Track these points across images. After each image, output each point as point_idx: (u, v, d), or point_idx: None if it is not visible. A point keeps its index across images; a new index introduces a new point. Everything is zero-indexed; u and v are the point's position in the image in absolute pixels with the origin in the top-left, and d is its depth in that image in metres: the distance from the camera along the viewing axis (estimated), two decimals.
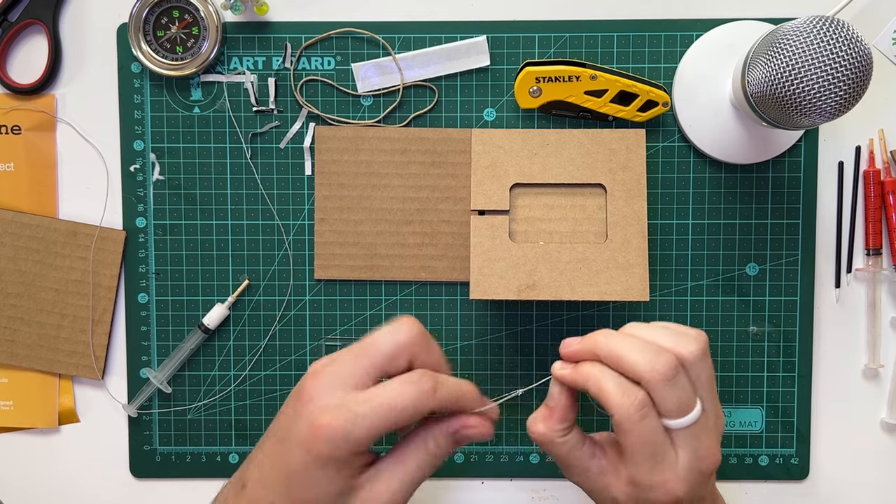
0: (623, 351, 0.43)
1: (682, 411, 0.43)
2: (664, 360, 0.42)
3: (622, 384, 0.43)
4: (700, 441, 0.43)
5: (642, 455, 0.43)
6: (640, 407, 0.42)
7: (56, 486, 0.64)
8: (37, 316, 0.63)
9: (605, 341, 0.44)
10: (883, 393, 0.62)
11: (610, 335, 0.45)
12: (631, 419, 0.42)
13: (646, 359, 0.42)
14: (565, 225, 0.56)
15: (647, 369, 0.42)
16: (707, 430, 0.44)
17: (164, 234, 0.63)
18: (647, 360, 0.42)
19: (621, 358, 0.43)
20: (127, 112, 0.62)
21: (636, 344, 0.43)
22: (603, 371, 0.44)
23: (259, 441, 0.45)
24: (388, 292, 0.62)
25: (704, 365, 0.44)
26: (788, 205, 0.61)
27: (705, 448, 0.43)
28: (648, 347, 0.43)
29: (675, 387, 0.42)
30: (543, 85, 0.59)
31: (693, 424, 0.43)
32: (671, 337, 0.44)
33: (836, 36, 0.47)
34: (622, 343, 0.44)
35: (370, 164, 0.61)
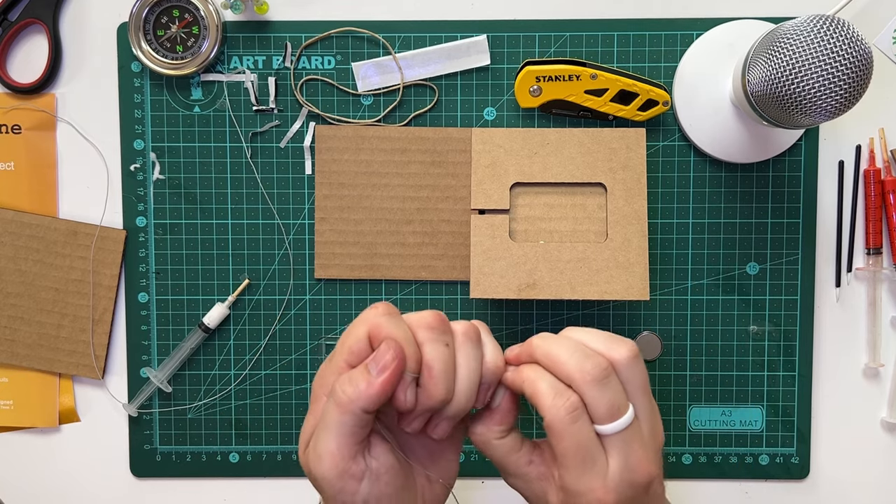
0: (555, 352, 0.43)
1: (613, 415, 0.41)
2: (594, 362, 0.42)
3: (555, 386, 0.42)
4: (632, 449, 0.42)
5: (573, 460, 0.42)
6: (570, 409, 0.41)
7: (56, 485, 0.65)
8: (37, 315, 0.63)
9: (540, 343, 0.44)
10: (883, 392, 0.62)
11: (546, 338, 0.44)
12: (562, 421, 0.41)
13: (576, 359, 0.42)
14: (565, 224, 0.56)
15: (577, 370, 0.41)
16: (640, 439, 0.43)
17: (164, 234, 0.63)
18: (577, 361, 0.42)
19: (554, 359, 0.42)
20: (127, 111, 0.62)
21: (569, 345, 0.43)
22: (538, 373, 0.43)
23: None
24: (388, 292, 0.62)
25: (637, 370, 0.43)
26: (789, 204, 0.61)
27: (637, 458, 0.42)
28: (580, 349, 0.42)
29: (605, 389, 0.41)
30: (544, 84, 0.59)
31: (625, 430, 0.42)
32: (603, 341, 0.43)
33: (837, 35, 0.47)
34: (555, 344, 0.43)
35: (370, 164, 0.61)
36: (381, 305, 0.43)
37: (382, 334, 0.41)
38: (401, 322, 0.42)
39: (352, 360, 0.42)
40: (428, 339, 0.42)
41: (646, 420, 0.43)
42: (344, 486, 0.41)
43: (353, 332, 0.42)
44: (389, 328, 0.41)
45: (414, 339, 0.42)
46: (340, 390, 0.40)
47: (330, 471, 0.41)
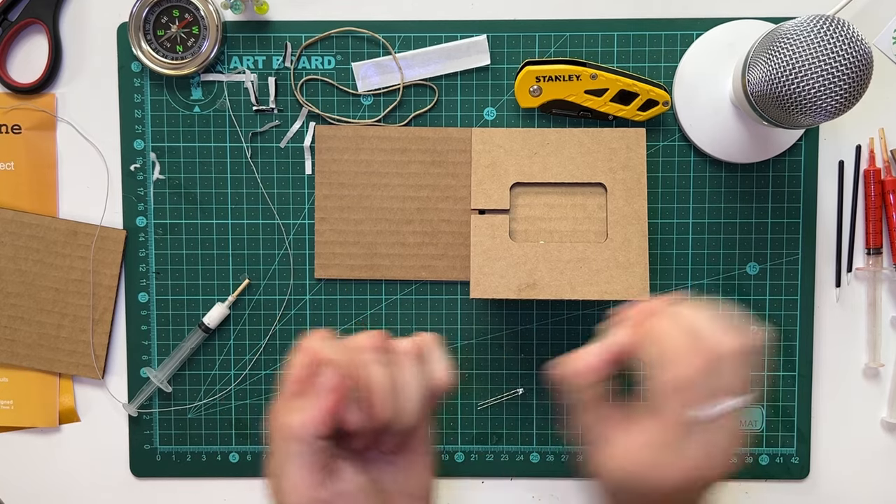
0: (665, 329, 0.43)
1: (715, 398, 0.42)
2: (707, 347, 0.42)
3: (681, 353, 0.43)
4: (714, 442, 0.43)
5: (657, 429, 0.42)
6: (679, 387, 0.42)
7: (56, 485, 0.65)
8: (37, 315, 0.63)
9: (675, 309, 0.44)
10: (883, 392, 0.62)
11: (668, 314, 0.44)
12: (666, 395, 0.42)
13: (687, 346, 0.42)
14: (565, 224, 0.56)
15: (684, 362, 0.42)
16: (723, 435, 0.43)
17: (164, 234, 0.63)
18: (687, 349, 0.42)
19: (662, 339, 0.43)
20: (127, 111, 0.62)
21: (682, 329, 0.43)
22: (671, 331, 0.43)
23: None
24: (388, 291, 0.62)
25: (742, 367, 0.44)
26: (789, 204, 0.61)
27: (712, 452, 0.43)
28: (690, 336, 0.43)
29: (711, 375, 0.42)
30: (544, 84, 0.59)
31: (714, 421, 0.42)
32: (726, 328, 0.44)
33: (837, 35, 0.47)
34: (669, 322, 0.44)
35: (370, 164, 0.61)
36: (318, 333, 0.43)
37: (323, 360, 0.41)
38: (339, 345, 0.42)
39: (296, 389, 0.42)
40: (369, 360, 0.42)
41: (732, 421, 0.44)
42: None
43: (295, 363, 0.42)
44: (329, 353, 0.41)
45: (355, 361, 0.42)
46: (287, 424, 0.41)
47: (297, 503, 0.41)
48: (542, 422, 0.63)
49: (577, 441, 0.63)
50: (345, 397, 0.41)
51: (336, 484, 0.42)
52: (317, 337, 0.42)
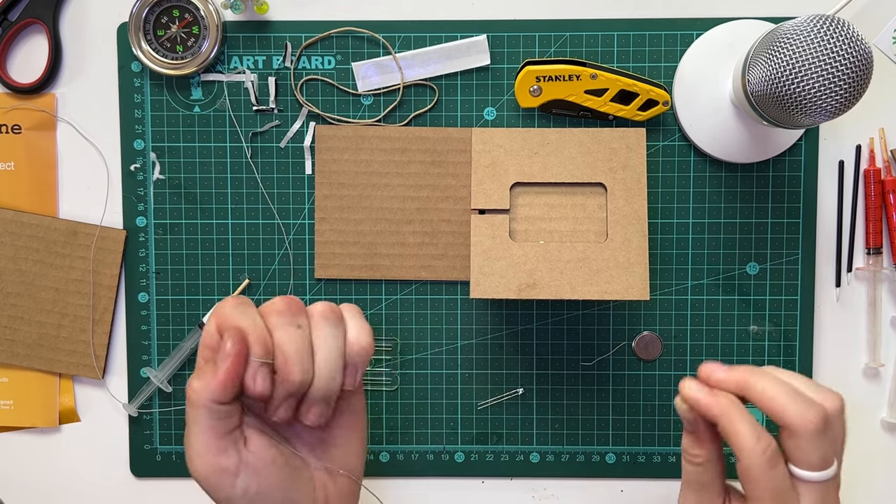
0: (774, 393, 0.42)
1: (822, 465, 0.42)
2: (816, 412, 0.41)
3: (757, 429, 0.42)
4: (830, 496, 0.43)
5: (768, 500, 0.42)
6: (772, 455, 0.42)
7: (56, 485, 0.65)
8: (37, 315, 0.63)
9: (756, 380, 0.43)
10: (883, 392, 0.62)
11: (760, 374, 0.44)
12: (761, 467, 0.41)
13: (799, 406, 0.42)
14: (566, 224, 0.56)
15: (799, 417, 0.41)
16: (836, 489, 0.43)
17: (164, 234, 0.63)
18: (800, 409, 0.41)
19: (772, 399, 0.42)
20: (127, 111, 0.62)
21: (788, 389, 0.42)
22: (739, 411, 0.43)
23: None
24: (388, 291, 0.62)
25: (842, 421, 0.44)
26: (789, 204, 0.61)
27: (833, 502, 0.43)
28: (800, 396, 0.42)
29: (822, 439, 0.42)
30: (544, 84, 0.59)
31: (826, 481, 0.42)
32: (815, 390, 0.44)
33: (837, 35, 0.47)
34: (774, 385, 0.43)
35: (370, 164, 0.61)
36: (230, 298, 0.42)
37: (227, 325, 0.40)
38: (248, 310, 0.41)
39: (207, 355, 0.42)
40: (279, 324, 0.41)
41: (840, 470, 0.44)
42: (218, 481, 0.41)
43: (206, 328, 0.42)
44: (234, 318, 0.40)
45: (265, 325, 0.41)
46: (190, 387, 0.40)
47: (201, 467, 0.41)
48: (542, 422, 0.63)
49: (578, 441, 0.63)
50: (243, 362, 0.40)
51: (242, 453, 0.42)
52: (229, 303, 0.41)
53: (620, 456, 0.63)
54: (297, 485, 0.43)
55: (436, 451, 0.63)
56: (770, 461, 0.42)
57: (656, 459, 0.63)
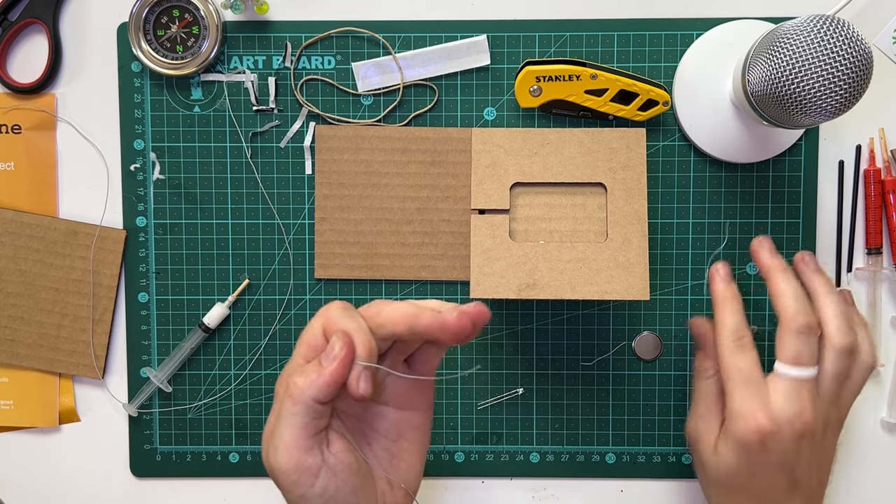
0: (783, 289, 0.50)
1: (796, 362, 0.48)
2: (804, 319, 0.48)
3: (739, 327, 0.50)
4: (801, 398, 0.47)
5: (735, 381, 0.48)
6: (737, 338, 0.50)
7: (56, 485, 0.65)
8: (37, 315, 0.63)
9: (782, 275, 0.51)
10: (883, 392, 0.62)
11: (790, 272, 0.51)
12: (728, 348, 0.49)
13: (794, 307, 0.48)
14: (565, 224, 0.56)
15: (788, 316, 0.48)
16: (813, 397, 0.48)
17: (164, 234, 0.63)
18: (793, 309, 0.48)
19: (779, 292, 0.50)
20: (127, 111, 0.62)
21: (798, 293, 0.49)
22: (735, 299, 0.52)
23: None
24: (388, 291, 0.62)
25: (846, 364, 0.49)
26: (789, 204, 0.61)
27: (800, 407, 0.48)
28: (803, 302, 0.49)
29: (799, 340, 0.48)
30: (544, 84, 0.59)
31: (798, 381, 0.47)
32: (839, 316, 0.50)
33: (837, 35, 0.47)
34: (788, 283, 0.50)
35: (370, 164, 0.61)
36: (336, 302, 0.43)
37: (335, 327, 0.42)
38: (355, 314, 0.43)
39: (309, 354, 0.43)
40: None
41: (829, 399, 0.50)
42: (299, 478, 0.42)
43: (310, 328, 0.43)
44: (342, 321, 0.42)
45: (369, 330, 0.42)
46: (293, 382, 0.41)
47: (286, 462, 0.41)
48: (542, 422, 0.63)
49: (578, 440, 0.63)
50: (349, 365, 0.41)
51: (325, 454, 0.42)
52: (335, 306, 0.43)
53: (620, 456, 0.63)
54: (365, 491, 0.44)
55: (436, 450, 0.63)
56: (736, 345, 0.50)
57: (656, 459, 0.63)
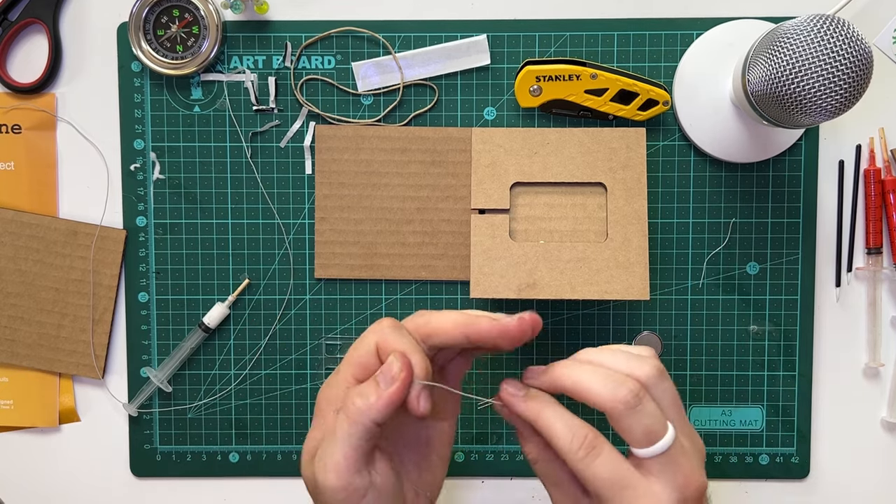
0: (584, 381, 0.42)
1: (652, 439, 0.41)
2: (626, 389, 0.40)
3: (570, 424, 0.41)
4: (678, 467, 0.41)
5: (609, 491, 0.41)
6: (589, 448, 0.41)
7: (56, 485, 0.64)
8: (37, 315, 0.63)
9: (565, 371, 0.43)
10: (883, 392, 0.62)
11: (570, 366, 0.43)
12: (581, 461, 0.41)
13: (608, 389, 0.41)
14: (566, 224, 0.56)
15: (609, 399, 0.40)
16: (684, 453, 0.42)
17: (164, 234, 0.63)
18: (609, 390, 0.41)
19: (585, 390, 0.41)
20: (127, 111, 0.62)
21: (597, 374, 0.42)
22: (553, 409, 0.42)
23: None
24: (388, 291, 0.62)
25: (665, 386, 0.42)
26: (789, 204, 0.61)
27: (684, 475, 0.41)
28: (610, 376, 0.41)
29: (640, 415, 0.40)
30: (544, 84, 0.59)
31: (667, 451, 0.41)
32: (626, 361, 0.43)
33: (837, 34, 0.47)
34: (584, 374, 0.42)
35: (370, 164, 0.61)
36: (387, 320, 0.43)
37: (390, 347, 0.42)
38: (406, 333, 0.43)
39: (359, 373, 0.43)
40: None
41: (684, 433, 0.43)
42: (347, 497, 0.41)
43: (361, 345, 0.43)
44: (397, 341, 0.42)
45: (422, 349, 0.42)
46: (351, 403, 0.41)
47: (335, 482, 0.41)
48: None
49: None
50: (409, 386, 0.41)
51: (372, 474, 0.42)
52: (387, 324, 0.43)
53: None
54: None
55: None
56: (588, 454, 0.41)
57: None
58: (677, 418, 0.43)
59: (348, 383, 0.43)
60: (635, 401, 0.40)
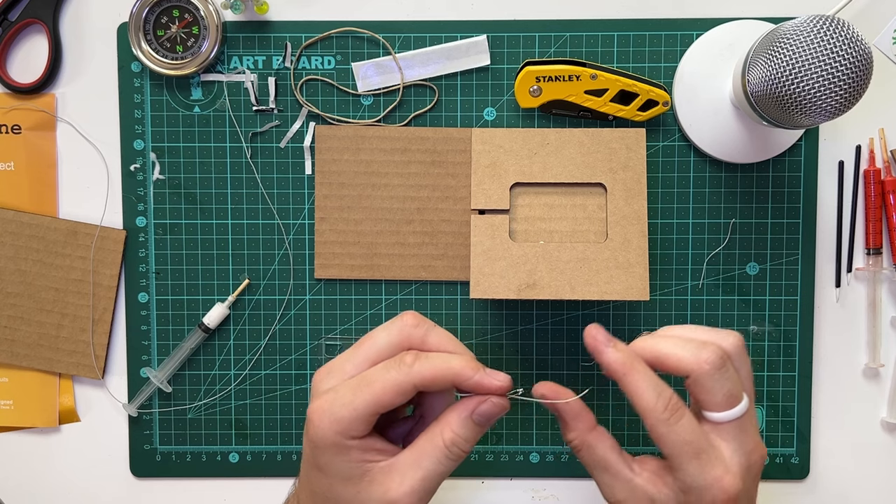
0: (666, 349, 0.43)
1: (731, 403, 0.42)
2: (710, 351, 0.42)
3: (656, 385, 0.42)
4: (747, 434, 0.43)
5: (686, 456, 0.41)
6: (673, 408, 0.41)
7: (56, 485, 0.65)
8: (37, 315, 0.63)
9: (644, 344, 0.44)
10: (883, 392, 0.62)
11: (649, 338, 0.44)
12: (665, 423, 0.41)
13: (691, 351, 0.42)
14: (565, 224, 0.56)
15: (694, 361, 0.41)
16: (753, 423, 0.44)
17: (164, 234, 0.63)
18: (693, 353, 0.42)
19: (666, 356, 0.43)
20: (127, 111, 0.62)
21: (678, 341, 0.43)
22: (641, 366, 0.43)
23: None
24: (388, 292, 0.62)
25: (744, 359, 0.44)
26: (789, 204, 0.61)
27: (752, 441, 0.43)
28: (691, 342, 0.43)
29: (723, 378, 0.42)
30: (544, 84, 0.59)
31: (741, 417, 0.42)
32: (709, 333, 0.44)
33: (837, 35, 0.47)
34: (665, 342, 0.43)
35: (370, 164, 0.61)
36: (409, 316, 0.45)
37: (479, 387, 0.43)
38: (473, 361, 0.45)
39: (374, 357, 0.44)
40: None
41: (753, 405, 0.44)
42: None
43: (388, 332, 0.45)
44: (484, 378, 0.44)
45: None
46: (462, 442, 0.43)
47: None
48: (542, 422, 0.63)
49: None
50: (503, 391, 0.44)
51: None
52: (409, 323, 0.45)
53: None
54: None
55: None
56: (672, 415, 0.41)
57: None
58: (749, 390, 0.44)
59: (360, 365, 0.44)
60: (720, 362, 0.42)
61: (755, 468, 0.43)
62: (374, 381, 0.42)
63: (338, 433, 0.42)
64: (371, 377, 0.42)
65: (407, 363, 0.42)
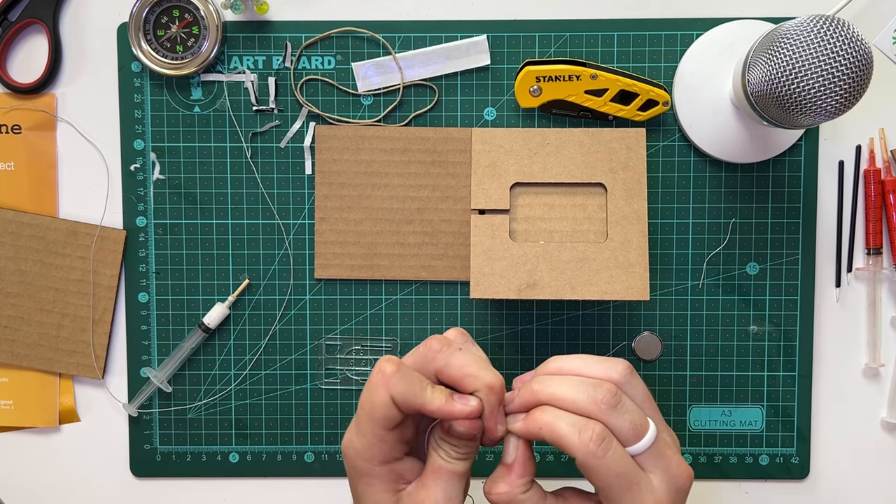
0: (560, 391, 0.43)
1: (639, 433, 0.42)
2: (604, 389, 0.42)
3: (576, 422, 0.42)
4: (668, 458, 0.43)
5: (619, 489, 0.41)
6: (600, 440, 0.41)
7: (56, 485, 0.65)
8: (37, 315, 0.63)
9: (541, 386, 0.44)
10: (883, 392, 0.62)
11: (543, 380, 0.44)
12: (595, 455, 0.41)
13: (585, 392, 0.42)
14: (565, 224, 0.56)
15: (591, 401, 0.42)
16: (668, 445, 0.43)
17: (164, 234, 0.63)
18: (588, 394, 0.42)
19: (562, 398, 0.42)
20: (127, 111, 0.62)
21: (571, 382, 0.43)
22: (553, 414, 0.42)
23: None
24: (388, 291, 0.62)
25: (636, 382, 0.44)
26: (789, 204, 0.61)
27: (675, 463, 0.43)
28: (584, 382, 0.43)
29: (623, 411, 0.42)
30: (544, 84, 0.59)
31: (654, 443, 0.42)
32: (596, 365, 0.44)
33: (837, 35, 0.47)
34: (557, 384, 0.43)
35: (370, 164, 0.61)
36: (455, 332, 0.47)
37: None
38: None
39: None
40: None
41: (662, 428, 0.44)
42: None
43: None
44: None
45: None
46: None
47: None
48: None
49: None
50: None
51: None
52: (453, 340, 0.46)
53: None
54: None
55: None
56: (602, 447, 0.41)
57: None
58: (652, 413, 0.44)
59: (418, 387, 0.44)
60: (615, 399, 0.42)
61: (684, 490, 0.43)
62: (365, 401, 0.43)
63: (364, 460, 0.43)
64: (363, 398, 0.43)
65: (387, 373, 0.42)
